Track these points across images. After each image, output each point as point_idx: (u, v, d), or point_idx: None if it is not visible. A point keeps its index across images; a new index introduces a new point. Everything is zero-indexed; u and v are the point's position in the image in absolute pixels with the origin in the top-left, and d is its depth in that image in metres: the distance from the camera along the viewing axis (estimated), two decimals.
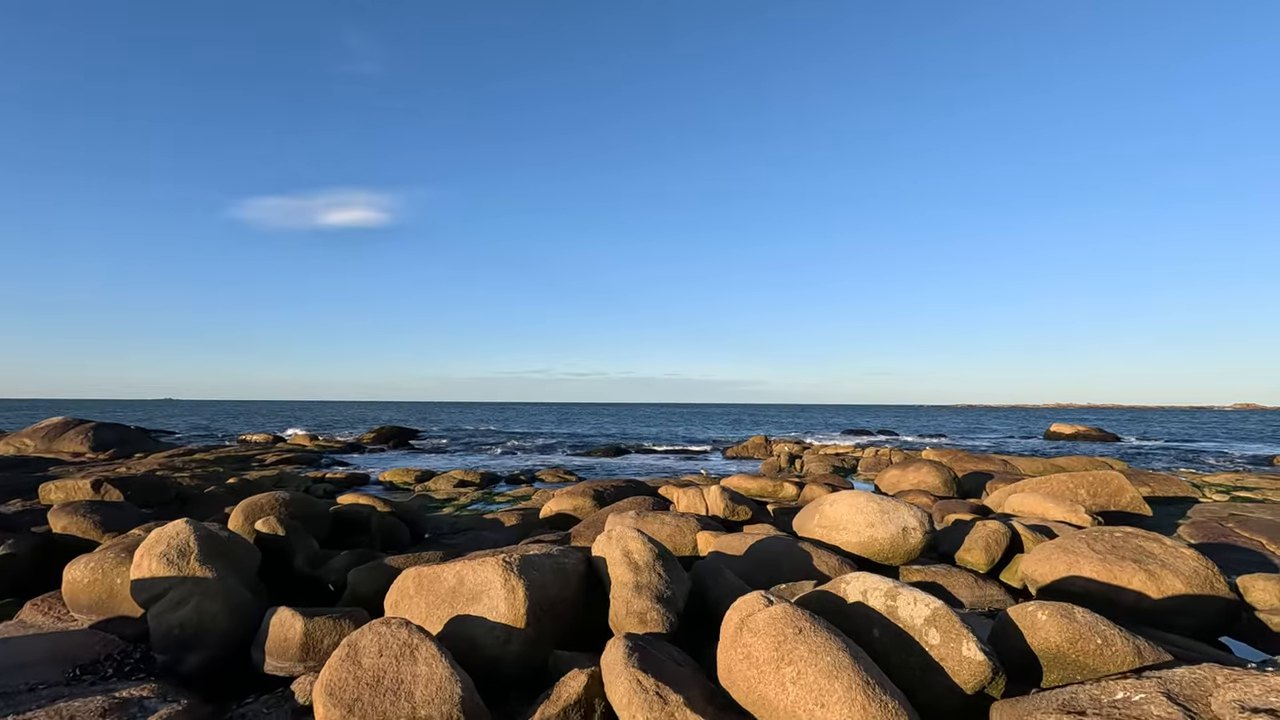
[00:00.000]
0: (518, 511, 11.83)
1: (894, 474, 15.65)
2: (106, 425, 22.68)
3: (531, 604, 4.59)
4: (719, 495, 8.86)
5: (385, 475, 18.19)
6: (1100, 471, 12.39)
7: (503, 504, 14.47)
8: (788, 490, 12.48)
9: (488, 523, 11.40)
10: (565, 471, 20.74)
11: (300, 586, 6.74)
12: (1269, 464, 27.22)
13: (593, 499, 11.18)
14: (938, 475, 14.85)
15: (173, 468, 15.97)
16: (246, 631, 5.17)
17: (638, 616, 4.61)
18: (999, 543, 7.16)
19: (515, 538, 10.58)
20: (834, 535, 6.99)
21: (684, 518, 8.18)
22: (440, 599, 4.81)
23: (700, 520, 8.22)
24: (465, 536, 10.80)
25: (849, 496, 7.12)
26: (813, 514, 7.40)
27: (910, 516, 6.81)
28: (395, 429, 40.75)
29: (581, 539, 9.33)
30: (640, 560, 5.11)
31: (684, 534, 7.94)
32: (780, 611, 3.31)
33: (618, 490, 11.99)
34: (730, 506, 8.73)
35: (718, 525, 8.36)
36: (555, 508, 11.10)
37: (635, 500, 10.52)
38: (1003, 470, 18.32)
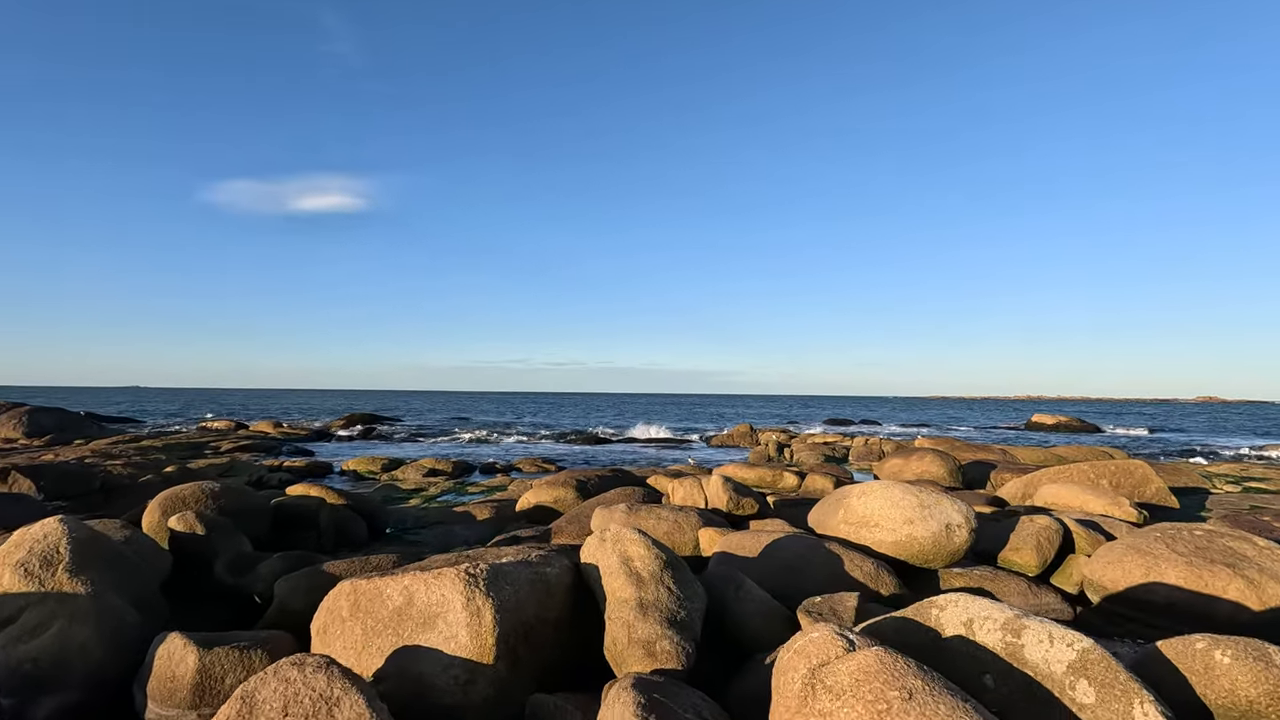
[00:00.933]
0: (492, 503, 10.66)
1: (895, 463, 14.73)
2: (44, 409, 20.96)
3: (503, 631, 3.45)
4: (721, 486, 7.78)
5: (349, 464, 16.86)
6: (1123, 461, 11.57)
7: (476, 495, 13.27)
8: (788, 480, 11.45)
9: (458, 516, 10.22)
10: (543, 460, 19.57)
11: (221, 599, 5.51)
12: (1262, 455, 26.96)
13: (575, 490, 10.04)
14: (942, 465, 13.96)
15: (109, 455, 14.50)
16: (128, 665, 3.96)
17: (644, 647, 3.49)
18: (1051, 541, 6.17)
19: (488, 533, 9.42)
20: (864, 533, 5.94)
21: (682, 512, 7.08)
22: (382, 623, 3.65)
23: (701, 515, 7.13)
24: (432, 531, 9.62)
25: (882, 488, 6.06)
26: (836, 508, 6.33)
27: (955, 511, 5.78)
28: (365, 416, 39.20)
29: (563, 535, 8.20)
30: (644, 570, 3.99)
31: (683, 531, 6.85)
32: (873, 662, 2.21)
33: (602, 480, 10.87)
34: (734, 499, 7.65)
35: (721, 520, 7.28)
36: (533, 499, 9.94)
37: (623, 491, 9.41)
38: (1003, 460, 17.53)
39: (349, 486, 15.10)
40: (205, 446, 20.04)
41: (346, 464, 16.94)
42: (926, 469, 14.03)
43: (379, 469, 16.49)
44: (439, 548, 8.70)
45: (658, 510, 7.14)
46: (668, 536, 6.82)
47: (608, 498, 9.13)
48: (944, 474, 13.78)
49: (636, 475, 12.06)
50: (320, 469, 16.62)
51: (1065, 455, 18.66)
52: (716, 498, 7.85)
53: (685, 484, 8.38)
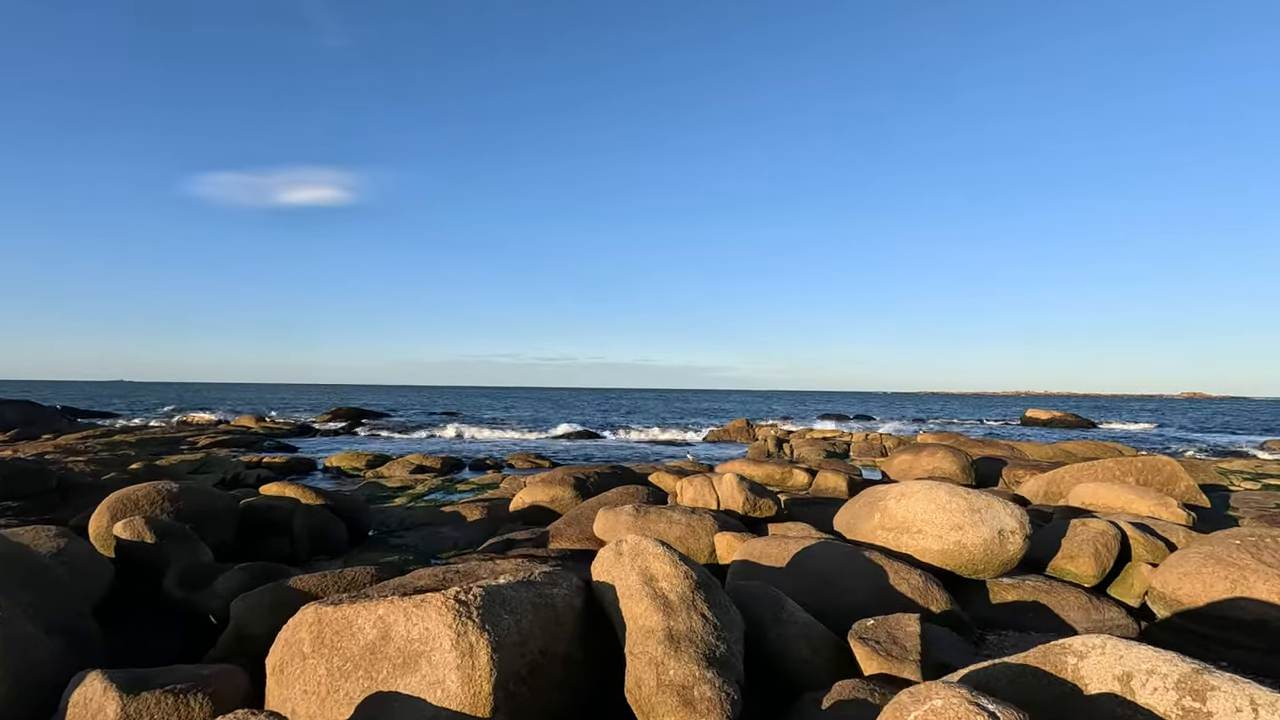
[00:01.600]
0: (483, 503, 9.95)
1: (904, 459, 14.12)
2: (9, 402, 19.99)
3: (501, 675, 2.76)
4: (736, 485, 7.11)
5: (332, 460, 16.09)
6: (1149, 457, 11.02)
7: (466, 493, 12.56)
8: (798, 478, 10.81)
9: (447, 516, 9.50)
10: (536, 456, 18.86)
11: (171, 619, 4.78)
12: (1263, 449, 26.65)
13: (573, 488, 9.35)
14: (954, 461, 13.36)
15: (74, 451, 13.65)
16: (42, 706, 3.24)
17: (678, 693, 2.81)
18: (1110, 548, 5.55)
19: (479, 535, 8.72)
20: (905, 540, 5.29)
21: (696, 515, 6.41)
22: (352, 662, 2.94)
23: (716, 518, 6.46)
24: (419, 534, 8.90)
25: (925, 490, 5.41)
26: (871, 511, 5.68)
27: (1008, 516, 5.14)
28: (353, 410, 38.30)
29: (563, 538, 7.52)
30: (673, 591, 3.31)
31: (698, 535, 6.18)
32: None
33: (602, 478, 10.18)
34: (751, 499, 6.99)
35: (736, 523, 6.62)
36: (528, 499, 9.24)
37: (625, 491, 8.73)
38: (1011, 455, 17.00)
39: (331, 484, 14.34)
40: (181, 442, 19.18)
41: (329, 460, 16.17)
42: (938, 465, 13.42)
43: (363, 465, 15.72)
44: (425, 553, 7.99)
45: (668, 513, 6.47)
46: (680, 542, 6.14)
47: (610, 497, 8.45)
48: (956, 471, 13.18)
49: (636, 473, 11.39)
50: (302, 466, 15.83)
51: (1075, 451, 18.16)
52: (730, 498, 7.18)
53: (695, 483, 7.71)
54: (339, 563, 7.42)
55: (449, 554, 7.94)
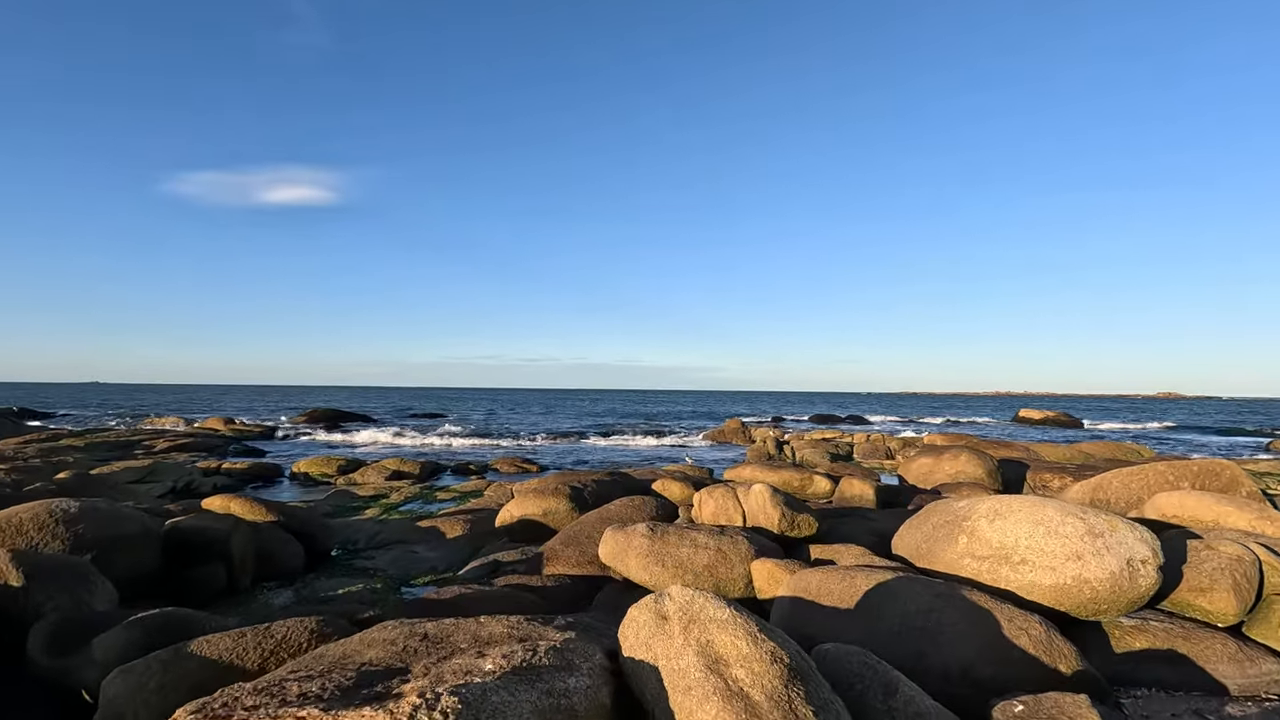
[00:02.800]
0: (464, 516, 8.71)
1: (923, 463, 13.07)
2: None
3: None
4: (769, 499, 5.94)
5: (300, 466, 14.71)
6: (1205, 460, 10.03)
7: (447, 502, 11.30)
8: (819, 484, 9.68)
9: (423, 532, 8.26)
10: (524, 460, 17.60)
11: (41, 691, 3.52)
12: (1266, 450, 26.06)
13: (569, 499, 8.13)
14: (979, 464, 12.32)
15: (5, 457, 12.18)
16: None
17: None
18: (1250, 579, 4.45)
19: (459, 556, 7.48)
20: (1004, 572, 4.15)
21: (726, 536, 5.24)
22: None
23: (749, 539, 5.28)
24: (389, 554, 7.64)
25: (1027, 507, 4.29)
26: (952, 533, 4.54)
27: (1137, 540, 4.03)
28: (328, 411, 36.70)
29: (559, 561, 6.31)
30: (756, 686, 2.12)
31: (729, 563, 5.01)
32: None
33: (600, 486, 8.97)
34: (787, 516, 5.82)
35: (772, 545, 5.45)
36: (517, 512, 8.01)
37: (630, 503, 7.53)
38: (1029, 457, 16.04)
39: (297, 493, 13.00)
40: (136, 446, 17.67)
41: (297, 465, 14.79)
42: (961, 469, 12.38)
43: (334, 472, 14.37)
44: (396, 578, 6.74)
45: (691, 534, 5.29)
46: (710, 572, 4.97)
47: (613, 511, 7.25)
48: (983, 474, 12.14)
49: (637, 479, 10.19)
50: (266, 472, 14.44)
51: (1094, 453, 17.26)
52: (761, 513, 6.01)
53: (715, 495, 6.53)
54: (289, 593, 6.16)
55: (424, 579, 6.70)
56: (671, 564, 5.05)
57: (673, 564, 5.05)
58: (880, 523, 7.67)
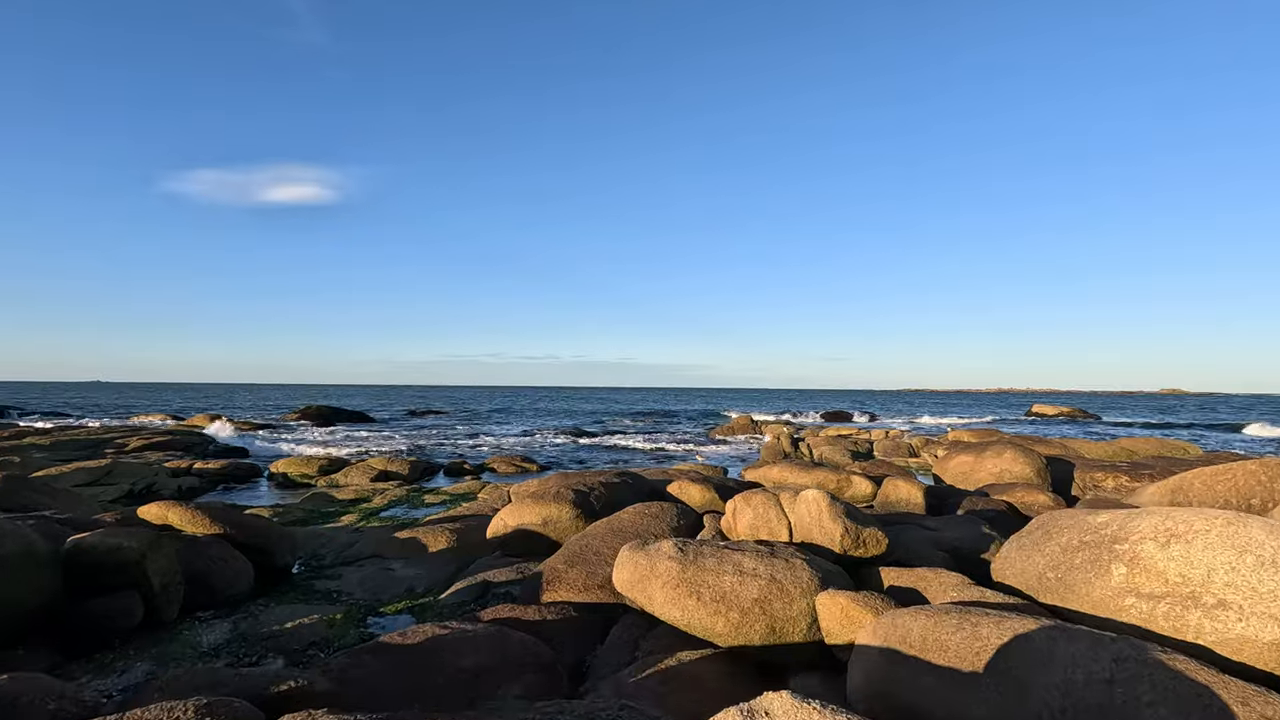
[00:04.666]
0: (451, 525, 7.49)
1: (962, 461, 11.85)
2: None
3: None
4: (827, 509, 4.72)
5: (279, 466, 13.50)
6: None
7: (435, 506, 10.10)
8: (859, 487, 8.47)
9: (403, 544, 7.04)
10: (522, 459, 16.38)
11: None
12: None
13: (572, 505, 6.91)
14: (1026, 463, 11.10)
15: None
16: None
17: None
18: None
19: (442, 575, 6.28)
20: (1193, 618, 2.94)
21: (778, 559, 4.03)
22: None
23: (808, 563, 4.06)
24: (360, 572, 6.44)
25: (1221, 526, 3.08)
26: (1099, 559, 3.32)
27: None
28: (324, 409, 35.49)
29: (561, 587, 5.09)
30: None
31: (787, 595, 3.79)
32: None
33: (608, 490, 7.75)
34: (853, 531, 4.59)
35: (832, 567, 4.24)
36: (512, 521, 6.79)
37: (645, 510, 6.32)
38: (1069, 454, 14.82)
39: (274, 496, 11.81)
40: (108, 444, 16.47)
41: (275, 465, 13.58)
42: (1006, 467, 11.16)
43: (315, 472, 13.16)
44: (364, 604, 5.54)
45: (734, 556, 4.07)
46: (761, 607, 3.76)
47: (626, 521, 6.04)
48: (1030, 474, 10.92)
49: (650, 480, 8.96)
50: (241, 473, 13.24)
51: (1135, 449, 16.02)
52: (816, 526, 4.79)
53: (755, 503, 5.31)
54: (226, 626, 4.95)
55: (397, 605, 5.49)
56: (710, 597, 3.84)
57: (712, 597, 3.84)
58: (944, 533, 6.46)
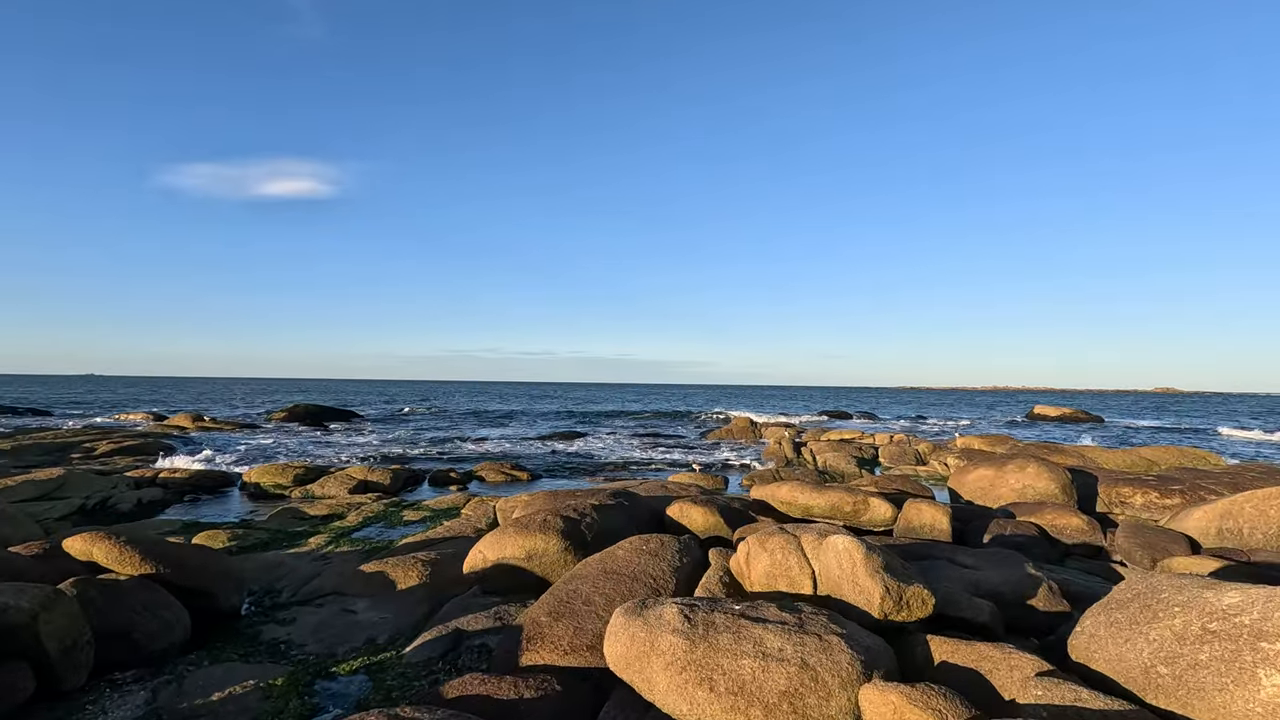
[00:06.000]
0: (425, 556, 6.69)
1: (981, 474, 11.11)
2: None
3: None
4: (860, 561, 3.93)
5: (252, 474, 12.67)
6: None
7: (415, 524, 9.30)
8: (877, 510, 7.69)
9: (369, 580, 6.24)
10: (513, 465, 15.58)
11: None
12: None
13: (560, 536, 6.11)
14: (1052, 479, 10.36)
15: None
16: None
17: None
18: None
19: (411, 618, 5.49)
20: None
21: (806, 633, 3.25)
22: None
23: (845, 638, 3.28)
24: (318, 614, 5.64)
25: None
26: (1238, 658, 2.56)
27: None
28: (311, 408, 34.58)
29: (544, 646, 4.30)
30: None
31: (824, 688, 3.02)
32: None
33: (602, 515, 6.94)
34: (895, 590, 3.79)
35: (869, 638, 3.46)
36: (493, 555, 5.99)
37: (644, 546, 5.52)
38: (1088, 465, 14.10)
39: (244, 508, 10.99)
40: (75, 448, 15.61)
41: (249, 474, 12.74)
42: (1030, 483, 10.42)
43: (290, 481, 12.34)
44: (314, 661, 4.74)
45: (755, 631, 3.29)
46: (790, 702, 2.98)
47: (620, 561, 5.25)
48: (1056, 490, 10.19)
49: (646, 499, 8.18)
50: (211, 481, 12.40)
51: (1155, 459, 15.28)
52: (848, 581, 4.00)
53: (772, 548, 4.52)
54: (142, 697, 4.15)
55: (353, 664, 4.69)
56: (726, 688, 3.05)
57: (728, 688, 3.05)
58: (982, 572, 5.68)
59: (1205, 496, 10.01)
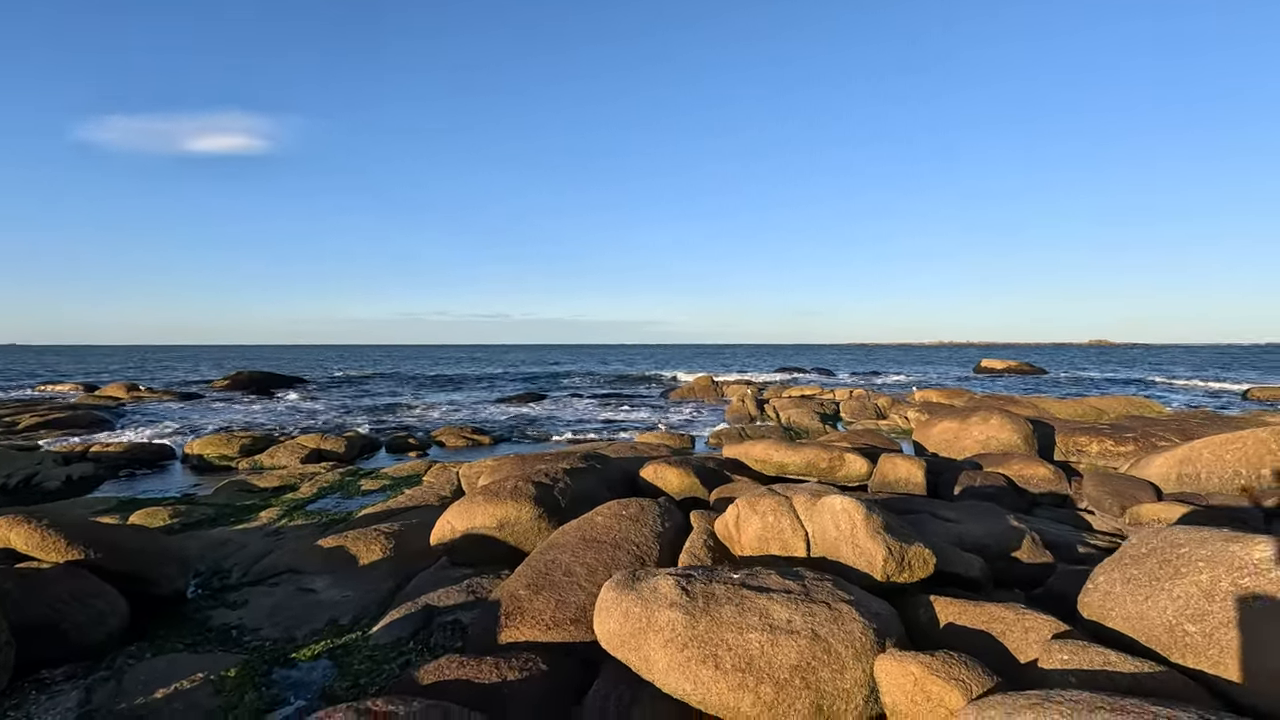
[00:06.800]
0: (388, 528, 6.30)
1: (946, 427, 11.23)
2: None
3: None
4: (861, 521, 3.74)
5: (195, 446, 11.92)
6: None
7: (374, 494, 8.87)
8: (853, 465, 7.61)
9: (328, 555, 5.84)
10: (474, 430, 15.14)
11: None
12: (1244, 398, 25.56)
13: (534, 503, 5.79)
14: (1014, 429, 10.53)
15: None
16: None
17: None
18: None
19: (376, 595, 5.15)
20: None
21: (814, 601, 3.04)
22: None
23: (854, 604, 3.09)
24: (271, 596, 5.23)
25: None
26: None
27: None
28: (255, 374, 33.14)
29: (524, 621, 4.03)
30: None
31: (837, 660, 2.82)
32: None
33: (575, 479, 6.65)
34: (898, 551, 3.59)
35: (874, 602, 3.28)
36: (461, 525, 5.64)
37: (623, 511, 5.26)
38: (1043, 415, 14.46)
39: (190, 482, 10.33)
40: None
41: (191, 445, 11.99)
42: (993, 435, 10.57)
43: (236, 451, 11.66)
44: (274, 647, 4.35)
45: (760, 601, 3.06)
46: (802, 677, 2.76)
47: (600, 527, 4.98)
48: (1019, 441, 10.35)
49: (618, 461, 7.92)
50: (148, 455, 11.64)
51: (1104, 408, 15.79)
52: (847, 543, 3.81)
53: (763, 510, 4.30)
54: (74, 698, 3.72)
55: (315, 648, 4.33)
56: (733, 665, 2.82)
57: (734, 664, 2.82)
58: (965, 525, 5.64)
59: (1156, 443, 10.31)
